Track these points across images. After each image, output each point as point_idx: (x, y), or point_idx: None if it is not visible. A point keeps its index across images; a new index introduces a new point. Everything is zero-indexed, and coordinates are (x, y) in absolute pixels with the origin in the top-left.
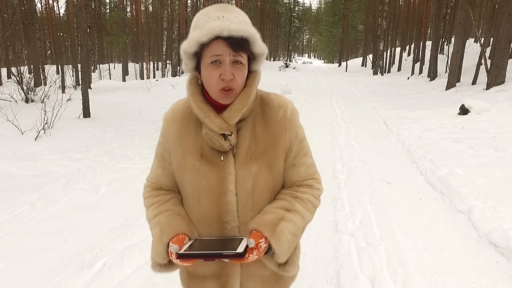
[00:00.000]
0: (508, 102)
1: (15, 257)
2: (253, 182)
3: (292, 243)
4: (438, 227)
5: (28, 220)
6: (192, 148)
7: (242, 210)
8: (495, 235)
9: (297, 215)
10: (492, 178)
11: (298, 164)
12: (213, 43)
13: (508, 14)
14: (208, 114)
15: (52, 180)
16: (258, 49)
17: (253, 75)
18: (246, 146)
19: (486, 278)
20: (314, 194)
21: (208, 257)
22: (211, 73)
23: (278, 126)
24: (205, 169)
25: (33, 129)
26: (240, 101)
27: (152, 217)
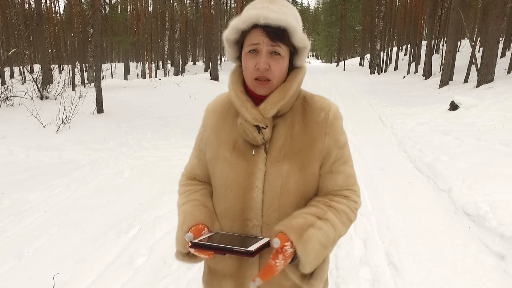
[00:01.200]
0: (495, 98)
1: (62, 225)
2: (282, 182)
3: (320, 254)
4: (422, 203)
5: (65, 198)
6: (226, 140)
7: (267, 209)
8: (468, 207)
9: (329, 224)
10: (472, 163)
11: (336, 171)
12: (252, 31)
13: (496, 16)
14: (245, 103)
15: (79, 166)
16: (299, 42)
17: (296, 71)
18: (280, 144)
19: (459, 240)
20: (350, 206)
21: (219, 250)
22: (247, 62)
23: (318, 128)
24: (235, 162)
25: (53, 123)
26: (277, 94)
27: (181, 205)
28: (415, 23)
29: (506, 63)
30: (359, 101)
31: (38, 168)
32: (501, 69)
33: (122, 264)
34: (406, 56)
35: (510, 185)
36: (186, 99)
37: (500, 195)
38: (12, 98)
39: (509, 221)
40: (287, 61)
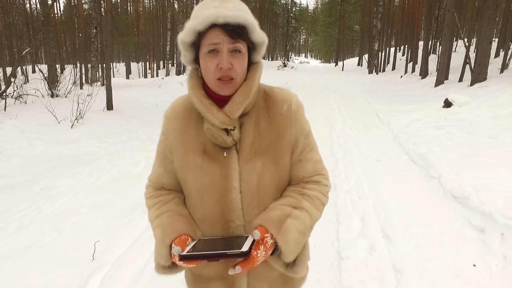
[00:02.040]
0: (487, 96)
1: (91, 206)
2: (258, 179)
3: (299, 241)
4: (415, 189)
5: (89, 184)
6: (194, 145)
7: (247, 208)
8: (455, 190)
9: (305, 212)
10: (461, 153)
11: (304, 159)
12: (210, 31)
13: (488, 17)
14: (209, 108)
15: (97, 157)
16: (258, 37)
17: (255, 67)
18: (250, 142)
19: (446, 219)
20: (322, 190)
21: (212, 257)
22: (208, 63)
23: (283, 121)
24: (207, 166)
25: (67, 119)
26: (241, 94)
27: (154, 218)
28: (412, 24)
29: (500, 63)
30: (357, 100)
31: (59, 159)
32: (494, 69)
33: (150, 237)
34: (403, 56)
35: (493, 171)
36: None
37: (484, 180)
38: (25, 96)
39: (489, 201)
40: (246, 57)
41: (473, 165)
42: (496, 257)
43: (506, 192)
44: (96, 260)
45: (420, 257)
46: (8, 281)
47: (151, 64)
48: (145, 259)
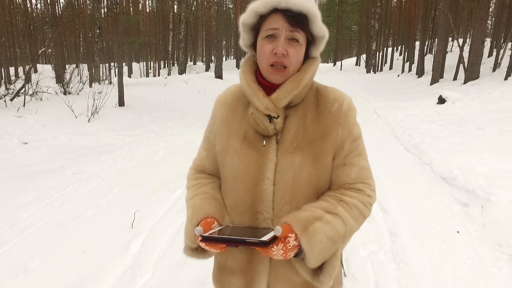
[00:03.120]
0: (479, 93)
1: (122, 187)
2: (294, 173)
3: (327, 248)
4: (409, 173)
5: (115, 170)
6: (236, 131)
7: (279, 202)
8: (444, 173)
9: (338, 219)
10: (451, 143)
11: (349, 164)
12: (271, 16)
13: (480, 19)
14: (256, 92)
15: (117, 148)
16: (318, 30)
17: (310, 61)
18: (292, 134)
19: (435, 196)
20: (363, 200)
21: (230, 242)
22: (264, 47)
23: (331, 119)
24: (245, 153)
25: (83, 114)
26: (291, 83)
27: (189, 199)
28: (409, 25)
29: (493, 62)
30: (355, 98)
31: (82, 149)
32: (488, 68)
33: (177, 210)
34: (400, 56)
35: (478, 157)
36: (195, 95)
37: (469, 163)
38: (40, 93)
39: (473, 180)
40: (304, 49)
41: (461, 152)
42: (476, 225)
43: (487, 173)
44: (135, 228)
45: (412, 225)
46: (65, 242)
47: (153, 64)
48: (176, 229)
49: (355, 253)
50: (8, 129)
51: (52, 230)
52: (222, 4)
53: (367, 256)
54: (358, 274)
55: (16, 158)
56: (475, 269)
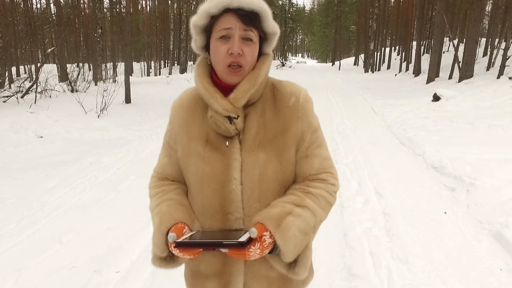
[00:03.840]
0: (472, 91)
1: (137, 175)
2: (260, 171)
3: (300, 241)
4: (403, 163)
5: (129, 161)
6: (197, 134)
7: (248, 200)
8: (435, 163)
9: (307, 211)
10: (443, 136)
11: (311, 155)
12: (223, 16)
13: (474, 19)
14: (213, 95)
15: (128, 141)
16: (270, 27)
17: (264, 58)
18: (253, 133)
19: (426, 183)
20: (328, 189)
21: (207, 246)
22: (219, 48)
23: (290, 113)
24: (209, 155)
25: (92, 110)
26: (247, 82)
27: (154, 207)
28: (406, 25)
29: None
30: (353, 96)
31: (95, 142)
32: (482, 67)
33: None
34: (398, 56)
35: (466, 148)
36: None
37: (458, 154)
38: (49, 91)
39: (460, 168)
40: (257, 47)
41: (451, 144)
42: (461, 206)
43: (474, 162)
44: None
45: (404, 207)
46: (92, 221)
47: (155, 63)
48: None
49: (352, 229)
50: (23, 124)
51: (78, 211)
52: None
53: (363, 232)
54: (355, 246)
55: (35, 150)
56: (458, 242)
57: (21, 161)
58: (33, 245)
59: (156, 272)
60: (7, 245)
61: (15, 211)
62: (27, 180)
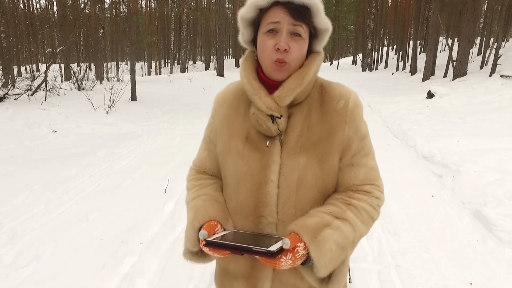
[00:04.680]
0: (465, 89)
1: (149, 165)
2: (299, 175)
3: (336, 256)
4: (396, 154)
5: (140, 152)
6: (238, 131)
7: (283, 205)
8: (426, 153)
9: (347, 224)
10: (434, 130)
11: (356, 164)
12: (272, 9)
13: (467, 19)
14: (257, 91)
15: (137, 135)
16: (321, 23)
17: (314, 56)
18: (296, 134)
19: (417, 172)
20: (372, 203)
21: (236, 249)
22: (266, 42)
23: (337, 117)
24: (248, 154)
25: (100, 107)
26: (293, 80)
27: (190, 200)
28: (403, 25)
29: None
30: None
31: (106, 136)
32: (476, 65)
33: None
34: (396, 55)
35: (455, 140)
36: (200, 91)
37: (447, 145)
38: (57, 89)
39: (448, 157)
40: (307, 44)
41: (441, 136)
42: (447, 190)
43: (461, 152)
44: (167, 193)
45: (396, 192)
46: (113, 203)
47: (155, 62)
48: None
49: None
50: (36, 120)
51: (99, 195)
52: (224, 5)
53: None
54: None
55: (50, 144)
56: (442, 220)
57: (39, 153)
58: (63, 222)
59: (175, 243)
60: (40, 223)
61: (42, 195)
62: (48, 169)
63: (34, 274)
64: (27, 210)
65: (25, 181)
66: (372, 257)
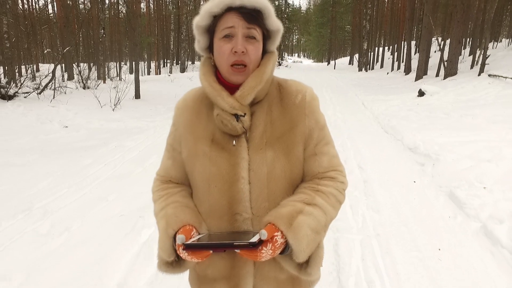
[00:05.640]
0: (454, 87)
1: (158, 154)
2: (268, 169)
3: (312, 240)
4: (384, 146)
5: (149, 144)
6: (203, 134)
7: (256, 200)
8: (411, 145)
9: (318, 209)
10: (421, 123)
11: (319, 153)
12: (226, 15)
13: (457, 21)
14: (220, 93)
15: (144, 130)
16: (273, 25)
17: (268, 56)
18: (261, 131)
19: (402, 161)
20: (337, 187)
21: (218, 247)
22: (222, 47)
23: (296, 110)
24: (216, 155)
25: (107, 104)
26: (253, 79)
27: (159, 211)
28: (399, 25)
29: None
30: (346, 93)
31: (114, 131)
32: (467, 65)
33: None
34: (392, 55)
35: (438, 133)
36: None
37: (430, 137)
38: (64, 88)
39: (430, 148)
40: (261, 45)
41: (427, 130)
42: (428, 177)
43: (442, 143)
44: None
45: (381, 177)
46: (128, 187)
47: (156, 63)
48: None
49: None
50: (48, 116)
51: (115, 180)
52: None
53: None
54: None
55: (63, 138)
56: (421, 201)
57: (55, 145)
58: (86, 202)
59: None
60: (65, 203)
61: (63, 180)
62: (66, 159)
63: (67, 242)
64: (53, 193)
65: (46, 169)
66: (357, 228)
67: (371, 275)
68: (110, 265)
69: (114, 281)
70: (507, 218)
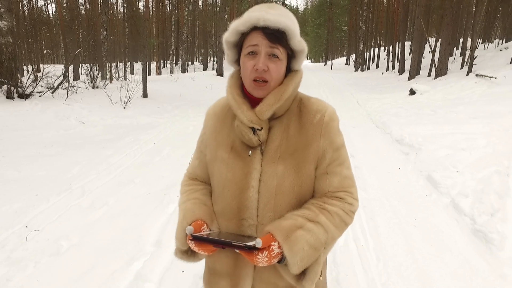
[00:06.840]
0: (444, 86)
1: (171, 147)
2: (278, 182)
3: (308, 255)
4: (375, 139)
5: (162, 138)
6: (224, 142)
7: (263, 209)
8: (398, 137)
9: (320, 227)
10: (409, 119)
11: (331, 173)
12: (251, 33)
13: (447, 23)
14: (241, 106)
15: (154, 126)
16: (297, 45)
17: (292, 74)
18: (276, 145)
19: (390, 152)
20: (344, 208)
21: (218, 243)
22: (246, 63)
23: (313, 130)
24: (232, 162)
25: (117, 103)
26: (273, 96)
27: (181, 203)
28: (393, 27)
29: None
30: (342, 92)
31: (128, 127)
32: (458, 65)
33: None
34: (387, 55)
35: (423, 127)
36: (203, 89)
37: (415, 131)
38: (75, 87)
39: (414, 139)
40: (285, 64)
41: (413, 124)
42: (411, 164)
43: (425, 135)
44: None
45: (370, 164)
46: (149, 173)
47: (157, 63)
48: None
49: None
50: (65, 113)
51: (137, 168)
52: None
53: None
54: None
55: (82, 133)
56: (404, 183)
57: (76, 139)
58: (116, 184)
59: None
60: (97, 185)
61: (91, 167)
62: (89, 150)
63: (106, 213)
64: (85, 176)
65: (74, 158)
66: None
67: (357, 234)
68: (146, 229)
69: (150, 241)
70: (471, 193)
